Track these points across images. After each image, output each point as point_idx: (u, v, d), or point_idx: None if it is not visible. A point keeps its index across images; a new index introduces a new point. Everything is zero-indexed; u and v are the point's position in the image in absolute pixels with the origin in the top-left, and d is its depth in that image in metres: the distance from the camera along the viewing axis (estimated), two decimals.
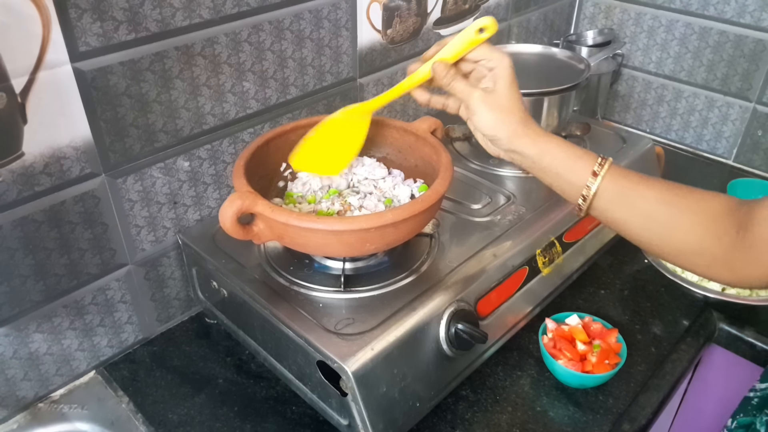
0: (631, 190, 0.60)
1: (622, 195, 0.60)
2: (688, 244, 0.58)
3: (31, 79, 0.60)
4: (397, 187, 0.75)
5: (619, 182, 0.60)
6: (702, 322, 0.86)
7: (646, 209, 0.59)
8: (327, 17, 0.86)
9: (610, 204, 0.60)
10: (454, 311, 0.68)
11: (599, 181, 0.59)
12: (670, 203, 0.58)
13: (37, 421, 0.73)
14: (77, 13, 0.61)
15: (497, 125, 0.62)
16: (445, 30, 1.07)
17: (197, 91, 0.75)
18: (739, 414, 0.73)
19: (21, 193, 0.64)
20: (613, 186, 0.60)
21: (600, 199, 0.60)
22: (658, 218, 0.59)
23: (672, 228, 0.58)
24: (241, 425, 0.72)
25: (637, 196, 0.59)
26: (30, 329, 0.71)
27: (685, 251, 0.59)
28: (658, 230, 0.59)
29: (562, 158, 0.61)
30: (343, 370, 0.60)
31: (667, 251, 0.60)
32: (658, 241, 0.60)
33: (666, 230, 0.59)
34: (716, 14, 1.18)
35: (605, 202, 0.60)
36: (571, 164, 0.61)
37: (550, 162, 0.61)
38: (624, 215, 0.60)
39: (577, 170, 0.60)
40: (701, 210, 0.57)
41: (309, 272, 0.72)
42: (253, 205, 0.61)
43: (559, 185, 0.63)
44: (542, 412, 0.73)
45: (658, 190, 0.59)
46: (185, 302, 0.86)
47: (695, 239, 0.57)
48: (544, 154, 0.61)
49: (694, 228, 0.57)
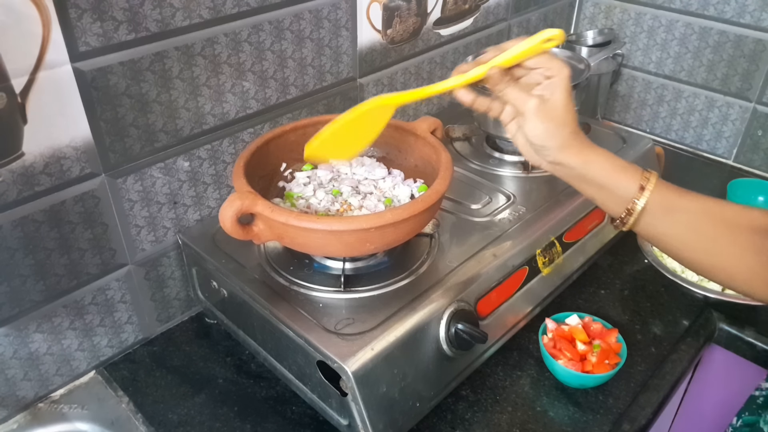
0: (675, 203, 0.58)
1: (667, 208, 0.58)
2: (729, 259, 0.57)
3: (31, 79, 0.60)
4: (396, 187, 0.75)
5: (664, 195, 0.58)
6: (702, 322, 0.86)
7: (689, 222, 0.58)
8: (327, 17, 0.86)
9: (653, 218, 0.59)
10: (454, 311, 0.68)
11: (647, 195, 0.58)
12: (714, 216, 0.57)
13: (37, 421, 0.73)
14: (77, 13, 0.61)
15: (549, 135, 0.60)
16: (445, 30, 1.07)
17: (197, 91, 0.75)
18: (744, 413, 0.73)
19: (21, 193, 0.64)
20: (660, 199, 0.58)
21: (645, 214, 0.59)
22: (701, 231, 0.58)
23: (714, 242, 0.57)
24: (241, 425, 0.72)
25: (681, 210, 0.58)
26: (30, 329, 0.71)
27: (727, 267, 0.58)
28: (701, 244, 0.58)
29: (608, 170, 0.60)
30: (343, 370, 0.60)
31: (708, 266, 0.59)
32: (700, 256, 0.59)
33: (709, 244, 0.58)
34: (716, 14, 1.18)
35: (650, 217, 0.59)
36: (616, 176, 0.59)
37: (594, 174, 0.60)
38: (666, 229, 0.59)
39: (623, 182, 0.59)
40: (744, 224, 0.56)
41: (309, 272, 0.72)
42: (252, 205, 0.61)
43: (602, 198, 0.61)
44: (542, 412, 0.73)
45: (702, 203, 0.58)
46: (185, 302, 0.86)
47: (737, 254, 0.56)
48: (589, 165, 0.60)
49: (737, 242, 0.56)
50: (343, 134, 0.70)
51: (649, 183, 0.58)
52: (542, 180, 0.92)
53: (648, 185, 0.58)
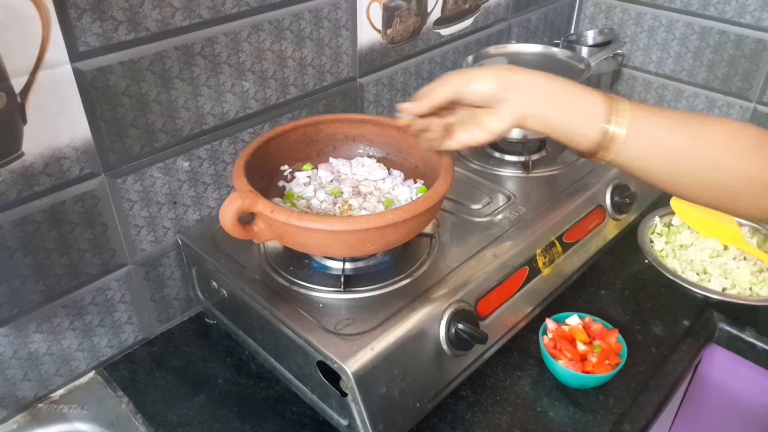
0: (645, 120, 0.56)
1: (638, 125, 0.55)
2: (712, 178, 0.55)
3: (30, 79, 0.60)
4: (396, 187, 0.75)
5: (638, 114, 0.56)
6: (702, 322, 0.86)
7: (661, 139, 0.55)
8: (327, 17, 0.86)
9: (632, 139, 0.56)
10: (454, 311, 0.68)
11: (627, 115, 0.55)
12: (690, 133, 0.55)
13: (37, 421, 0.73)
14: (77, 12, 0.61)
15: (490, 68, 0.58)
16: (445, 30, 1.07)
17: (197, 91, 0.75)
18: None
19: (21, 193, 0.64)
20: (632, 123, 0.55)
21: (622, 144, 0.56)
22: (676, 149, 0.55)
23: (693, 160, 0.55)
24: (240, 425, 0.72)
25: (656, 126, 0.55)
26: (30, 329, 0.71)
27: (711, 184, 0.55)
28: (676, 163, 0.55)
29: (574, 85, 0.57)
30: (343, 370, 0.60)
31: (691, 187, 0.57)
32: (677, 176, 0.56)
33: (686, 161, 0.55)
34: (716, 14, 1.18)
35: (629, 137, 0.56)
36: (585, 95, 0.57)
37: (565, 90, 0.57)
38: (636, 152, 0.56)
39: (591, 97, 0.57)
40: (726, 140, 0.54)
41: (309, 272, 0.72)
42: (253, 205, 0.61)
43: (574, 124, 0.57)
44: (542, 412, 0.73)
45: (674, 119, 0.56)
46: (185, 302, 0.86)
47: (719, 173, 0.54)
48: (556, 80, 0.57)
49: (721, 160, 0.54)
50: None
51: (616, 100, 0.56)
52: (542, 180, 0.92)
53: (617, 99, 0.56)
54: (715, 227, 0.94)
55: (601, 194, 0.91)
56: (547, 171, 0.94)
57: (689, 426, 1.01)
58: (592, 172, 0.93)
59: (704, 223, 0.95)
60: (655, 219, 0.99)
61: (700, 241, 0.94)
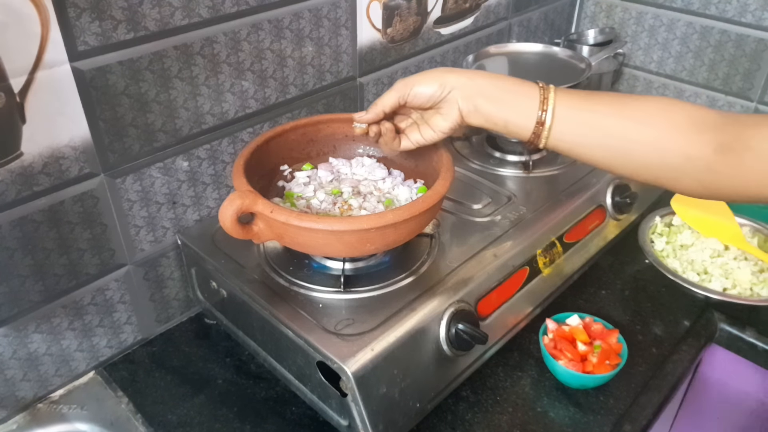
0: (579, 108, 0.58)
1: (572, 113, 0.58)
2: (651, 159, 0.56)
3: (29, 78, 0.60)
4: (396, 187, 0.75)
5: (565, 101, 0.58)
6: (703, 322, 0.86)
7: (598, 126, 0.57)
8: (326, 16, 0.86)
9: (561, 125, 0.59)
10: (454, 312, 0.68)
11: (552, 98, 0.58)
12: (624, 117, 0.57)
13: (37, 421, 0.73)
14: (76, 12, 0.61)
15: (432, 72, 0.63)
16: (446, 29, 1.07)
17: (196, 90, 0.75)
18: None
19: (20, 193, 0.64)
20: (561, 105, 0.58)
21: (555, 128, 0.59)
22: (612, 134, 0.57)
23: (630, 143, 0.57)
24: (240, 426, 0.72)
25: (587, 111, 0.58)
26: (29, 329, 0.70)
27: (650, 165, 0.57)
28: (615, 147, 0.57)
29: (508, 81, 0.61)
30: (343, 370, 0.60)
31: (630, 168, 0.58)
32: (617, 159, 0.58)
33: (624, 146, 0.57)
34: (717, 13, 1.18)
35: (557, 124, 0.59)
36: (520, 89, 0.60)
37: (499, 87, 0.61)
38: (575, 138, 0.59)
39: (524, 91, 0.60)
40: (662, 121, 0.56)
41: (309, 272, 0.72)
42: (253, 205, 0.61)
43: (509, 116, 0.61)
44: (543, 412, 0.72)
45: (608, 104, 0.58)
46: (184, 303, 0.86)
47: (658, 154, 0.56)
48: (491, 78, 0.61)
49: (655, 141, 0.56)
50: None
51: (548, 90, 0.59)
52: (542, 180, 0.92)
53: (548, 93, 0.59)
54: (716, 227, 0.94)
55: (601, 194, 0.91)
56: (547, 171, 0.94)
57: (690, 426, 1.01)
58: (592, 172, 0.93)
59: (705, 223, 0.95)
60: (656, 219, 0.98)
61: (701, 241, 0.94)
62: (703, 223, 0.95)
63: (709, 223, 0.95)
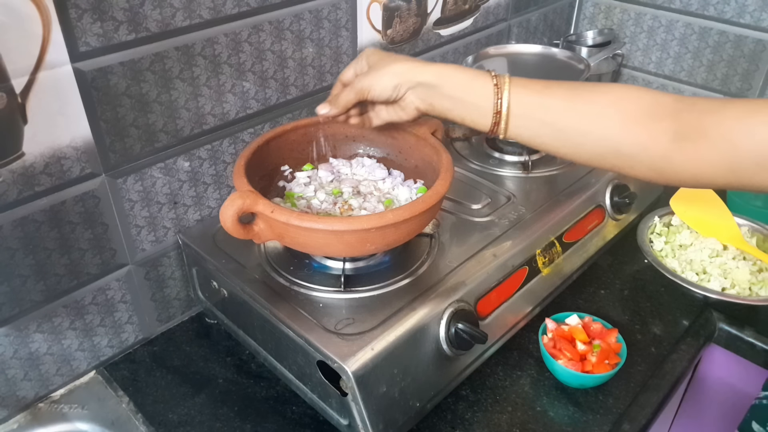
0: (533, 104, 0.59)
1: (526, 110, 0.59)
2: (606, 149, 0.57)
3: (31, 79, 0.60)
4: (396, 188, 0.75)
5: (520, 98, 0.59)
6: (702, 322, 0.86)
7: (551, 120, 0.58)
8: (327, 17, 0.86)
9: (524, 120, 0.60)
10: (454, 311, 0.68)
11: (506, 95, 0.59)
12: (577, 111, 0.57)
13: (38, 421, 0.73)
14: (77, 13, 0.61)
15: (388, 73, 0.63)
16: (445, 30, 1.07)
17: (197, 91, 0.75)
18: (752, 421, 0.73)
19: (21, 193, 0.64)
20: (516, 102, 0.59)
21: (513, 117, 0.59)
22: (566, 127, 0.58)
23: (583, 135, 0.57)
24: (241, 425, 0.72)
25: (539, 108, 0.59)
26: (30, 329, 0.71)
27: (605, 155, 0.58)
28: (570, 139, 0.58)
29: (461, 77, 0.61)
30: (343, 370, 0.60)
31: (586, 158, 0.59)
32: (573, 150, 0.59)
33: (578, 138, 0.58)
34: (716, 14, 1.18)
35: (519, 119, 0.60)
36: (471, 83, 0.61)
37: (451, 84, 0.61)
38: (531, 132, 0.60)
39: (480, 87, 0.60)
40: (616, 113, 0.56)
41: (309, 272, 0.72)
42: (253, 205, 0.61)
43: (469, 112, 0.62)
44: (542, 412, 0.73)
45: (562, 98, 0.58)
46: (185, 302, 0.86)
47: (612, 144, 0.56)
48: (442, 76, 0.62)
49: (609, 132, 0.56)
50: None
51: (504, 83, 0.59)
52: (542, 180, 0.92)
53: (503, 86, 0.59)
54: (715, 227, 0.94)
55: (600, 194, 0.92)
56: (546, 171, 0.94)
57: (689, 425, 1.01)
58: (591, 172, 0.93)
59: (704, 223, 0.95)
60: (655, 219, 0.99)
61: (700, 241, 0.94)
62: (701, 223, 0.95)
63: (707, 223, 0.95)
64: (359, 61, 0.68)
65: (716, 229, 0.94)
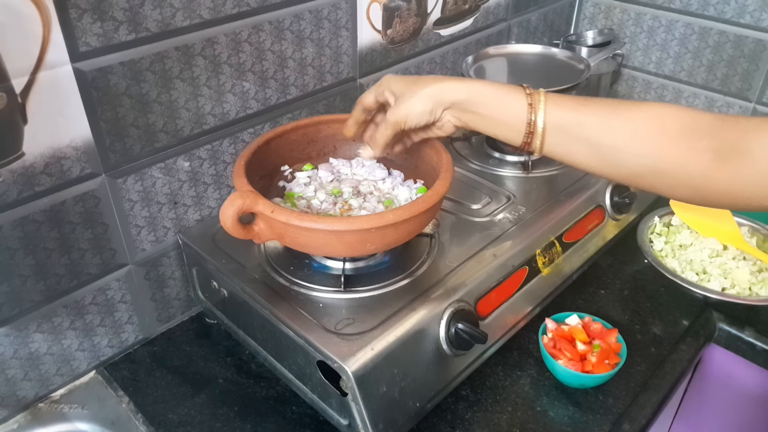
0: (569, 122, 0.58)
1: (562, 128, 0.58)
2: (644, 167, 0.56)
3: (31, 79, 0.60)
4: (396, 187, 0.75)
5: (555, 116, 0.58)
6: (702, 322, 0.86)
7: (587, 137, 0.57)
8: (327, 17, 0.86)
9: (550, 137, 0.59)
10: (454, 311, 0.68)
11: (541, 117, 0.58)
12: (614, 128, 0.56)
13: (38, 421, 0.73)
14: (77, 13, 0.61)
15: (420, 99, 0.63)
16: (445, 30, 1.07)
17: (197, 91, 0.75)
18: None
19: (21, 193, 0.64)
20: (551, 120, 0.58)
21: (548, 133, 0.59)
22: (602, 144, 0.57)
23: (620, 153, 0.56)
24: (241, 425, 0.72)
25: (575, 125, 0.58)
26: (30, 329, 0.71)
27: (644, 174, 0.56)
28: (606, 156, 0.57)
29: (494, 95, 0.61)
30: (343, 370, 0.60)
31: (623, 176, 0.58)
32: (609, 168, 0.58)
33: (614, 155, 0.57)
34: (716, 14, 1.18)
35: (553, 136, 0.59)
36: (503, 101, 0.60)
37: (483, 103, 0.61)
38: (566, 149, 0.59)
39: (510, 107, 0.60)
40: (654, 130, 0.55)
41: (309, 272, 0.72)
42: (253, 205, 0.61)
43: (501, 128, 0.62)
44: (542, 412, 0.73)
45: (598, 115, 0.57)
46: (185, 302, 0.86)
47: (650, 162, 0.55)
48: (472, 90, 0.61)
49: (647, 150, 0.55)
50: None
51: (538, 99, 0.59)
52: (542, 180, 0.92)
53: (538, 102, 0.59)
54: (715, 227, 0.94)
55: (600, 194, 0.92)
56: (546, 171, 0.94)
57: (689, 425, 1.01)
58: None
59: (704, 223, 0.95)
60: (655, 219, 0.99)
61: (700, 241, 0.94)
62: (701, 223, 0.95)
63: (707, 223, 0.95)
64: (380, 90, 0.66)
65: (716, 229, 0.94)
